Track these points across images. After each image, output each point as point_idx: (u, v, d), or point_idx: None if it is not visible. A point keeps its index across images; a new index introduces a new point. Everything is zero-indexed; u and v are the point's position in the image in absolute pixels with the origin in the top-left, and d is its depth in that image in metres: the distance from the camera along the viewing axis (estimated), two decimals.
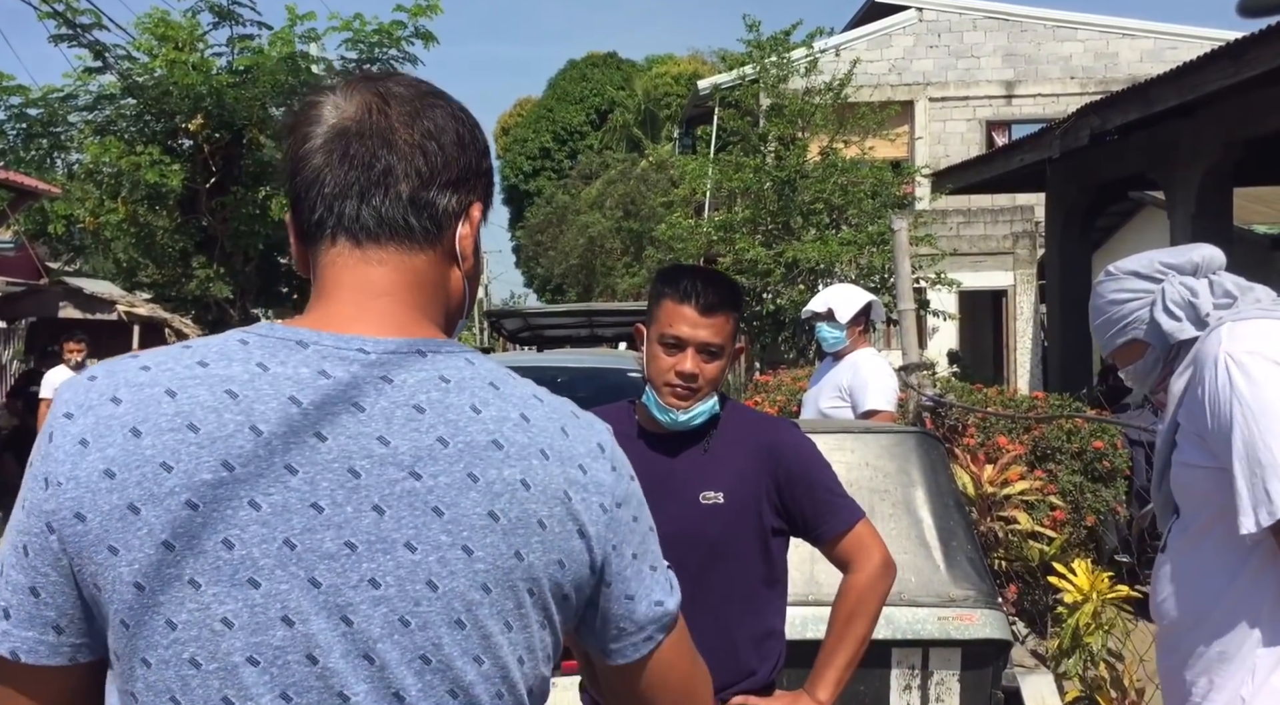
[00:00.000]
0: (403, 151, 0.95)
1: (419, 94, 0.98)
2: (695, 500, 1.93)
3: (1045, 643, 4.15)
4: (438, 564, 0.87)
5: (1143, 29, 17.75)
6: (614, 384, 7.33)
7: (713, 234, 12.80)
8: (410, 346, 0.93)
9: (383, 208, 0.94)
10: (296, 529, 0.85)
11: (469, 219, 0.99)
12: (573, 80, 40.30)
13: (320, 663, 0.85)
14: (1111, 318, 1.92)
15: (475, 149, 1.00)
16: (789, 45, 12.86)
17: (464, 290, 1.01)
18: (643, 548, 1.02)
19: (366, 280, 0.94)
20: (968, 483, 4.51)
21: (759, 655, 1.96)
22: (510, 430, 0.92)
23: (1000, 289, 15.71)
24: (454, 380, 0.92)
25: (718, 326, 1.92)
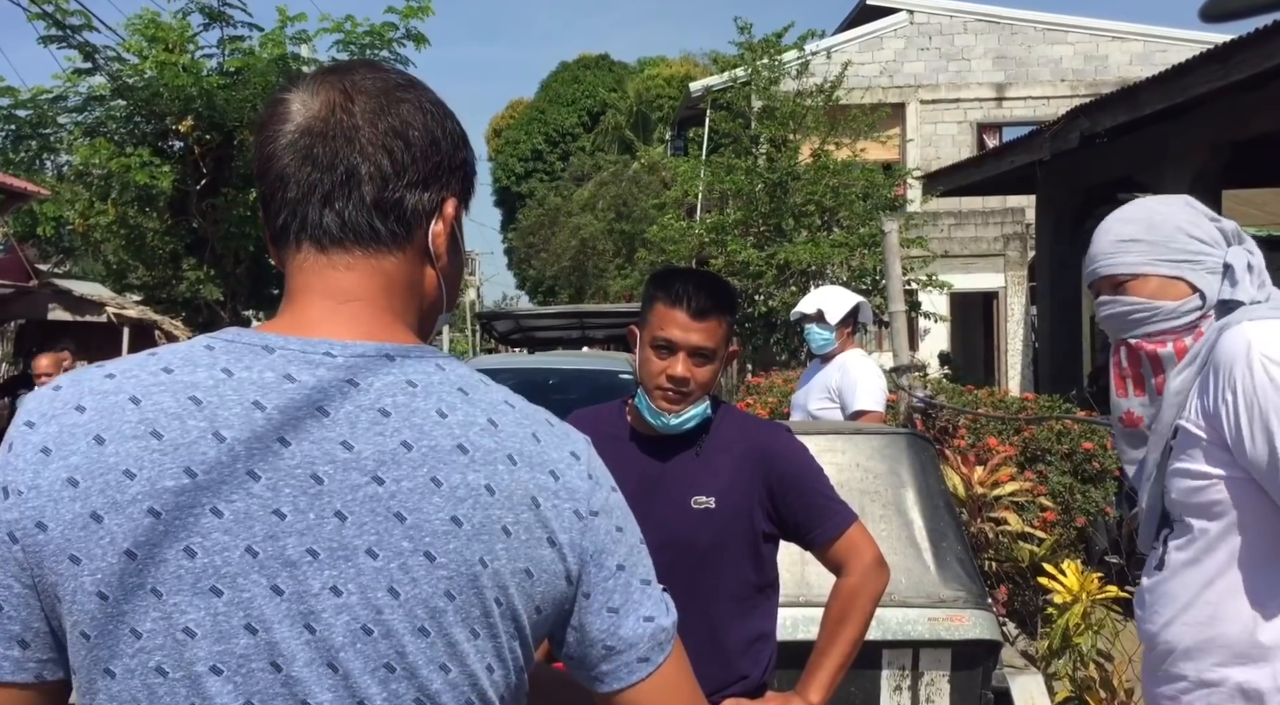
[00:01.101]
0: (366, 152, 0.92)
1: (386, 88, 0.94)
2: (687, 504, 1.92)
3: (1035, 643, 4.16)
4: (399, 571, 0.85)
5: (1132, 32, 17.82)
6: (605, 386, 7.33)
7: (704, 236, 12.81)
8: (378, 351, 0.91)
9: (346, 212, 0.92)
10: (259, 536, 0.83)
11: (442, 216, 0.96)
12: (565, 82, 40.30)
13: (284, 671, 0.83)
14: (1169, 243, 1.70)
15: (448, 143, 0.96)
16: (780, 48, 12.89)
17: (439, 288, 0.99)
18: (630, 560, 0.97)
19: (334, 285, 0.92)
20: (958, 484, 4.52)
21: (750, 658, 1.96)
22: (477, 435, 0.90)
23: (991, 291, 15.76)
24: (421, 385, 0.90)
25: (710, 330, 1.91)
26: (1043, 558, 4.25)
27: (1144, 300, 1.72)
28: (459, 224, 1.00)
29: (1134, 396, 1.76)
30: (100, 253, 13.60)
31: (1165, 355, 1.70)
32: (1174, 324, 1.70)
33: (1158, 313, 1.70)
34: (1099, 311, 1.78)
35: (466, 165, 0.99)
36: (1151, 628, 1.71)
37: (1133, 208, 1.80)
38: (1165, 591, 1.68)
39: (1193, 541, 1.65)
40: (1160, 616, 1.69)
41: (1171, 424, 1.67)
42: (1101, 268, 1.77)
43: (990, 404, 5.97)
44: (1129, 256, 1.73)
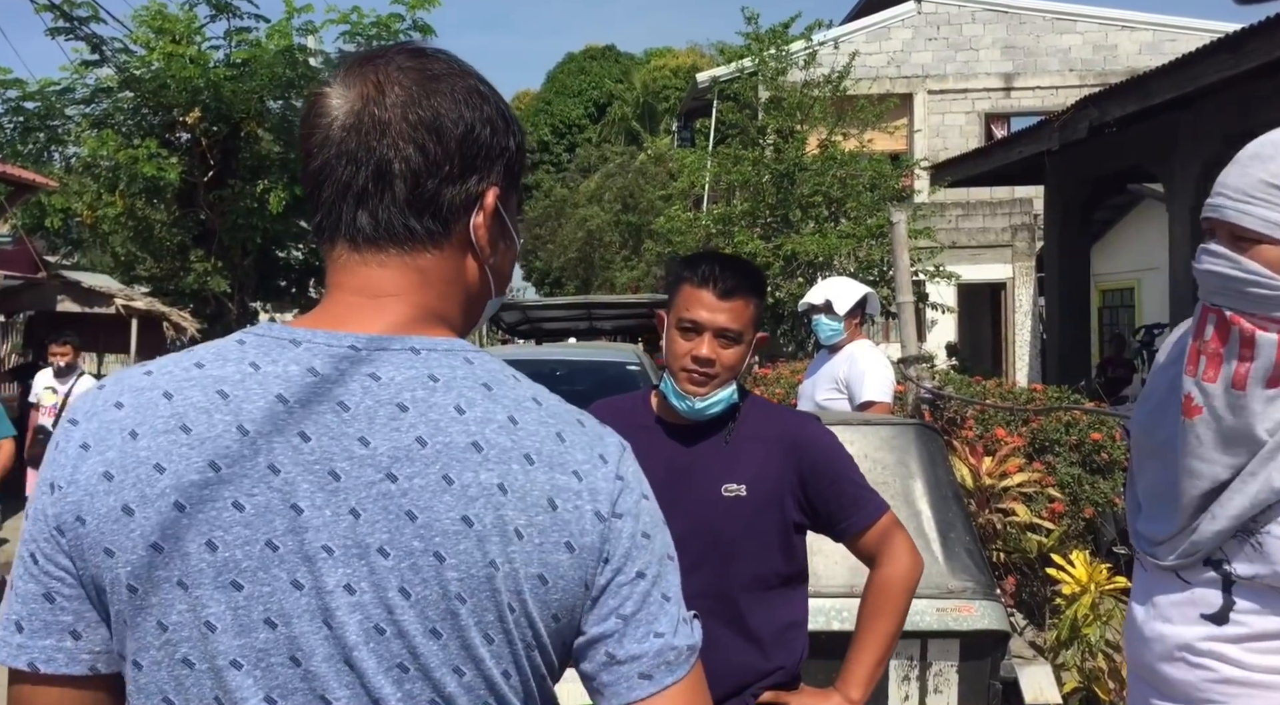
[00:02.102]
0: (398, 146, 0.90)
1: (420, 78, 0.92)
2: (717, 492, 1.89)
3: (1043, 634, 4.16)
4: (410, 571, 0.84)
5: (1142, 21, 17.72)
6: (613, 377, 7.34)
7: (711, 227, 12.79)
8: (404, 344, 0.89)
9: (379, 212, 0.90)
10: (279, 530, 0.83)
11: (483, 207, 0.93)
12: (571, 73, 40.23)
13: (303, 666, 0.83)
14: None
15: (486, 131, 0.93)
16: (788, 38, 12.84)
17: (485, 277, 0.97)
18: (654, 571, 0.92)
19: (367, 282, 0.92)
20: (966, 475, 4.52)
21: (784, 648, 1.93)
22: (493, 432, 0.87)
23: (999, 282, 15.72)
24: (444, 380, 0.88)
25: (736, 311, 1.88)
26: (1051, 548, 4.24)
27: (1268, 273, 1.35)
28: (509, 210, 0.98)
29: (1204, 380, 1.40)
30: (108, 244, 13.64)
31: (1264, 341, 1.35)
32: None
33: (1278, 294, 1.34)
34: (1199, 260, 1.41)
35: (509, 152, 0.96)
36: (1193, 679, 1.47)
37: None
38: (1226, 652, 1.44)
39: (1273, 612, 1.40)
40: (1216, 672, 1.45)
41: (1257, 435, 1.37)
42: (1233, 212, 1.37)
43: (998, 395, 5.96)
44: (1272, 211, 1.35)
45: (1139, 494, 1.61)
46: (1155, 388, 1.58)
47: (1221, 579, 1.45)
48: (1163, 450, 1.51)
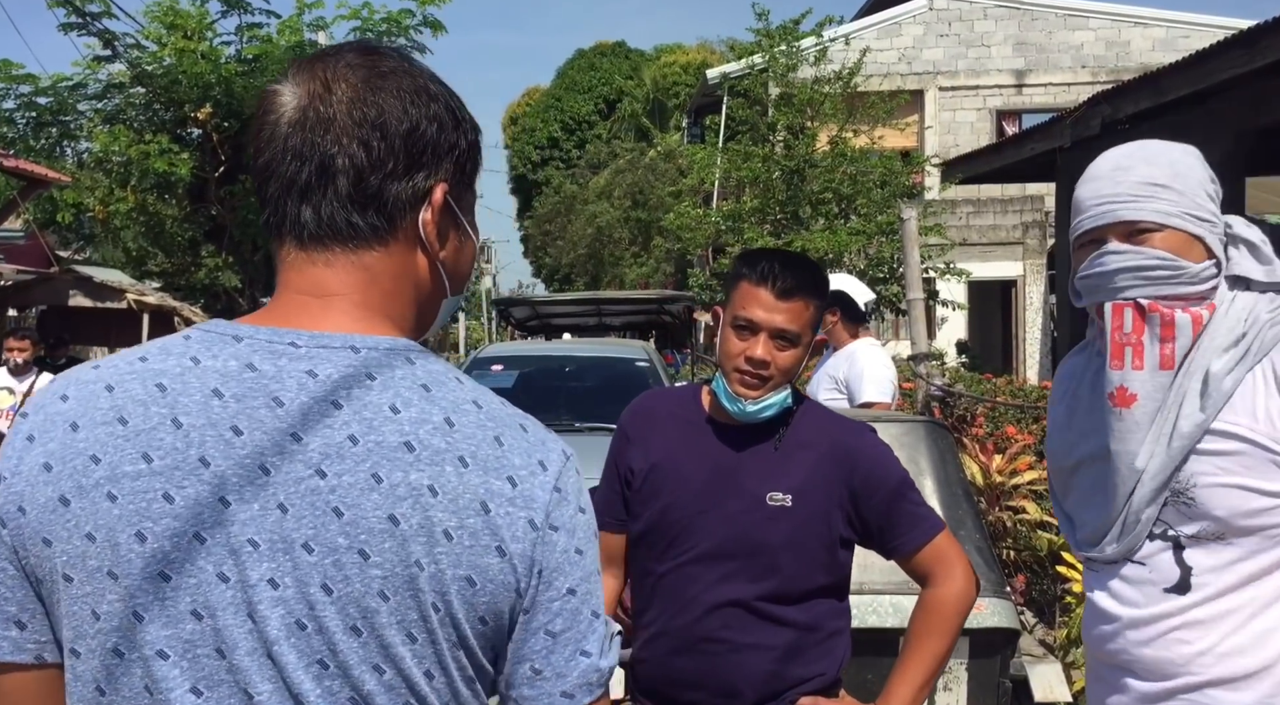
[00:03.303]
0: (341, 143, 0.90)
1: (368, 75, 0.92)
2: (761, 500, 1.82)
3: (1053, 632, 4.15)
4: (333, 567, 0.84)
5: (1155, 17, 17.63)
6: (621, 373, 7.34)
7: (721, 224, 12.78)
8: (345, 342, 0.90)
9: (323, 209, 0.91)
10: (207, 523, 0.84)
11: (431, 203, 0.93)
12: (581, 70, 40.22)
13: (228, 658, 0.84)
14: (1195, 197, 1.51)
15: (433, 128, 0.93)
16: (798, 34, 12.81)
17: (435, 276, 0.96)
18: (584, 587, 0.91)
19: (312, 281, 0.92)
20: (976, 472, 4.51)
21: (824, 655, 1.87)
22: (427, 433, 0.87)
23: (1010, 279, 15.67)
24: (381, 378, 0.89)
25: (795, 312, 1.80)
26: (1061, 547, 4.23)
27: (1171, 255, 1.47)
28: (465, 208, 0.97)
29: (1132, 369, 1.50)
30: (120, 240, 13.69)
31: (1182, 321, 1.47)
32: (1194, 289, 1.48)
33: (1183, 273, 1.47)
34: (1104, 261, 1.51)
35: (459, 149, 0.96)
36: (1170, 655, 1.50)
37: (1149, 148, 1.56)
38: (1196, 617, 1.48)
39: (1237, 563, 1.46)
40: (1192, 644, 1.48)
41: (1202, 425, 1.45)
42: (1126, 210, 1.49)
43: (1009, 392, 5.95)
44: (1159, 203, 1.48)
45: (1068, 511, 1.68)
46: (1056, 419, 1.71)
47: (1172, 547, 1.50)
48: (1087, 460, 1.59)
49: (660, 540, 1.86)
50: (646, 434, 1.93)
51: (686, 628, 1.83)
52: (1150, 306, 1.48)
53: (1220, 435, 1.45)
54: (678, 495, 1.85)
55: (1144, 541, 1.52)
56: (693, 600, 1.83)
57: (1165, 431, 1.48)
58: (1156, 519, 1.51)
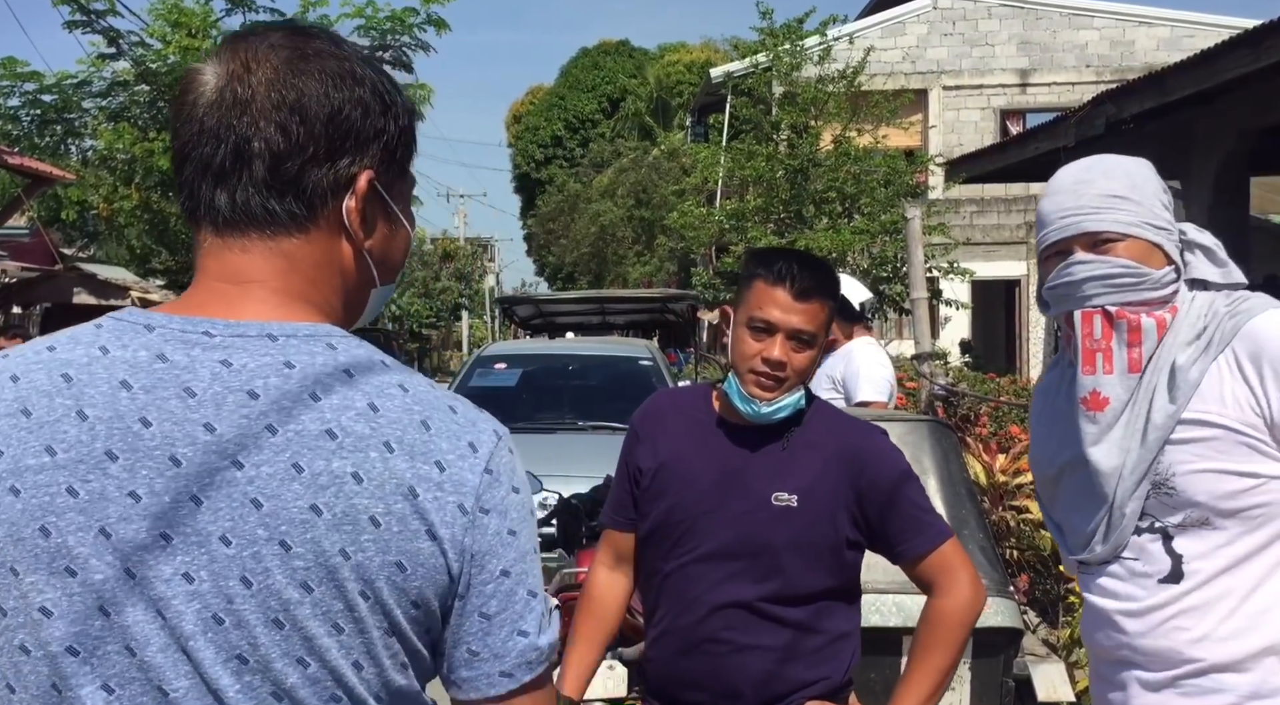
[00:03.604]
0: (258, 126, 0.87)
1: (291, 57, 0.89)
2: (767, 500, 1.81)
3: (1057, 632, 4.15)
4: (252, 559, 0.82)
5: (1160, 17, 17.60)
6: (625, 372, 7.34)
7: (724, 223, 12.78)
8: (261, 330, 0.87)
9: (238, 194, 0.88)
10: (112, 518, 0.82)
11: (355, 190, 0.90)
12: (585, 68, 40.21)
13: (138, 655, 0.82)
14: (1152, 206, 1.58)
15: (357, 112, 0.90)
16: (802, 33, 12.80)
17: (361, 265, 0.93)
18: (519, 567, 0.90)
19: (229, 268, 0.90)
20: (980, 472, 4.51)
21: (830, 660, 1.85)
22: (350, 420, 0.85)
23: (1013, 279, 15.66)
24: (300, 366, 0.86)
25: (811, 313, 1.79)
26: None
27: (1134, 263, 1.55)
28: (396, 195, 0.95)
29: (1103, 374, 1.58)
30: (124, 237, 13.72)
31: (1147, 326, 1.55)
32: (1157, 294, 1.56)
33: (1146, 279, 1.55)
34: (1071, 271, 1.57)
35: (387, 134, 0.93)
36: (1171, 644, 1.54)
37: (1107, 162, 1.64)
38: (1192, 604, 1.52)
39: (1224, 547, 1.51)
40: (1190, 630, 1.52)
41: (1174, 415, 1.52)
42: (1089, 222, 1.56)
43: (1012, 392, 5.95)
44: (1120, 214, 1.56)
45: (1056, 519, 1.71)
46: (1037, 431, 1.78)
47: (1161, 538, 1.55)
48: (1069, 467, 1.64)
49: (666, 540, 1.86)
50: (656, 433, 1.92)
51: (690, 628, 1.83)
52: (1118, 313, 1.56)
53: (1193, 424, 1.51)
54: (684, 495, 1.84)
55: (1130, 537, 1.57)
56: (697, 600, 1.82)
57: (1138, 427, 1.55)
58: (1141, 513, 1.56)
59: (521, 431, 6.53)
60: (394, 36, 13.66)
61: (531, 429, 6.55)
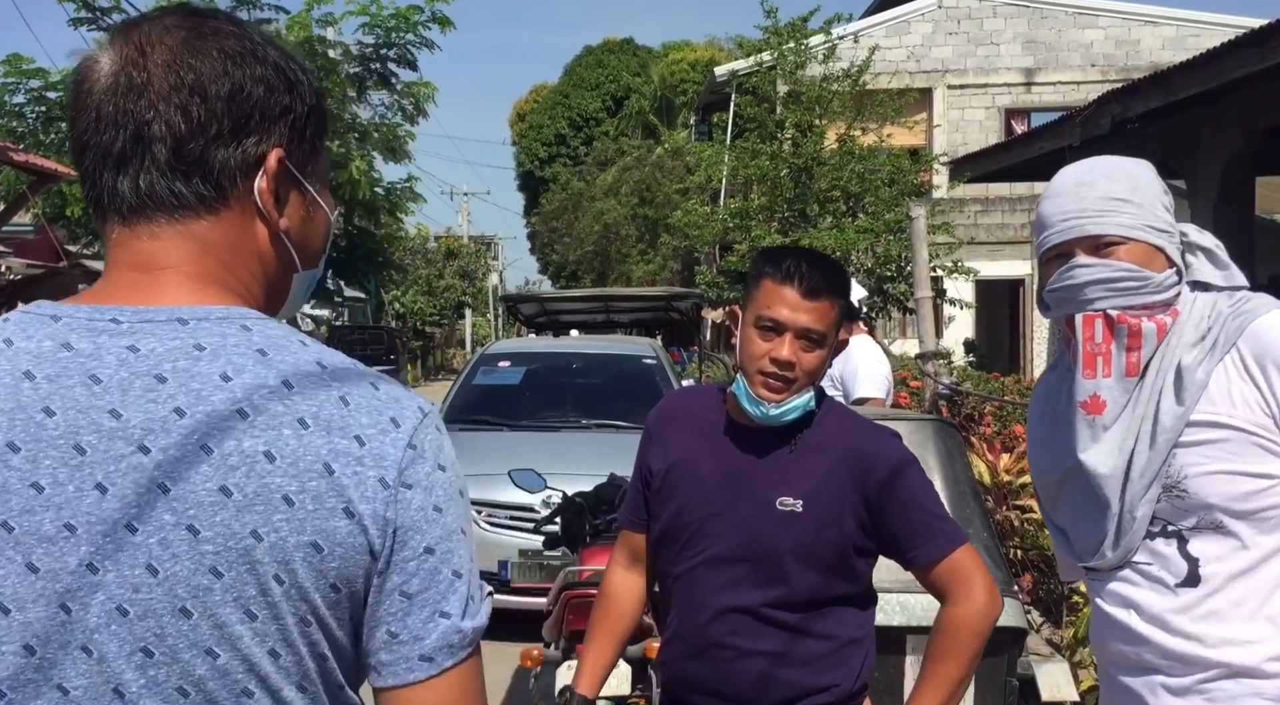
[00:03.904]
0: (158, 108, 0.85)
1: (188, 37, 0.88)
2: (771, 504, 1.77)
3: (1060, 632, 4.15)
4: (159, 546, 0.80)
5: (1165, 16, 17.57)
6: (629, 370, 7.34)
7: (728, 221, 12.77)
8: (171, 315, 0.85)
9: (141, 179, 0.86)
10: (14, 511, 0.80)
11: (265, 170, 0.89)
12: (589, 67, 40.22)
13: (38, 653, 0.80)
14: (1154, 209, 1.56)
15: (260, 90, 0.89)
16: (806, 32, 12.80)
17: (279, 248, 0.92)
18: (444, 547, 0.86)
19: (140, 255, 0.88)
20: (984, 471, 4.51)
21: (838, 667, 1.81)
22: (262, 398, 0.83)
23: (1018, 278, 15.64)
24: (211, 348, 0.84)
25: (821, 312, 1.74)
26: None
27: (1136, 267, 1.54)
28: (311, 175, 0.94)
29: (1102, 377, 1.57)
30: None
31: (1148, 331, 1.54)
32: (1160, 298, 1.54)
33: (1148, 283, 1.53)
34: (1073, 275, 1.56)
35: (294, 112, 0.91)
36: (1193, 648, 1.51)
37: (1108, 164, 1.63)
38: (1212, 608, 1.50)
39: (1240, 549, 1.49)
40: (1212, 634, 1.50)
41: (1182, 416, 1.50)
42: (1091, 225, 1.55)
43: (1016, 391, 5.94)
44: (1121, 217, 1.54)
45: (1060, 524, 1.69)
46: (1039, 435, 1.75)
47: (1176, 541, 1.53)
48: (1074, 472, 1.62)
49: (675, 542, 1.84)
50: (667, 433, 1.90)
51: (697, 632, 1.81)
52: (1119, 317, 1.55)
53: (1202, 425, 1.50)
54: (691, 497, 1.82)
55: (1141, 542, 1.55)
56: (703, 604, 1.81)
57: (1145, 430, 1.53)
58: (1153, 517, 1.54)
59: (525, 429, 6.57)
60: (399, 34, 13.66)
61: (535, 427, 6.56)
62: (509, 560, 5.46)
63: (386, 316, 31.94)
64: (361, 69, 13.93)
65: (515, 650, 3.86)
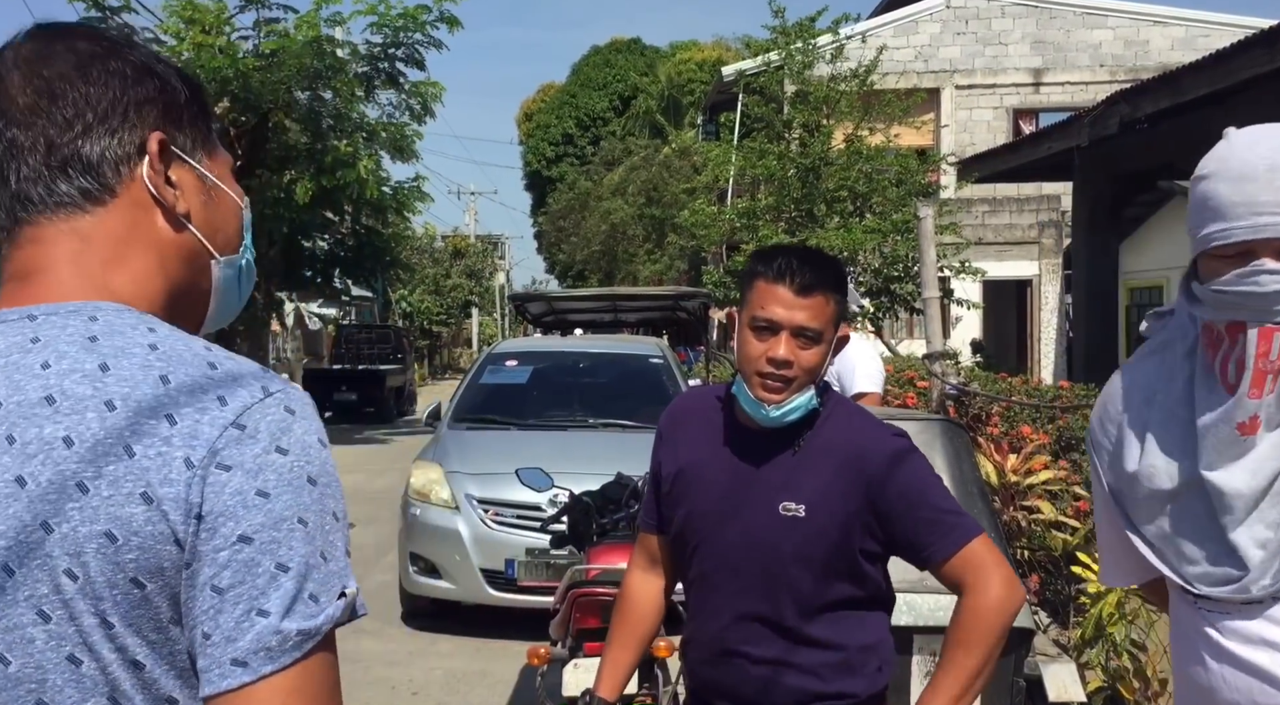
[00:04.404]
0: (25, 121, 0.86)
1: (37, 50, 0.88)
2: (775, 510, 1.73)
3: (1068, 632, 4.14)
4: None
5: (1174, 16, 17.52)
6: (636, 369, 7.34)
7: (736, 221, 12.76)
8: (24, 313, 0.84)
9: (20, 185, 0.86)
10: None
11: (148, 155, 0.88)
12: (596, 66, 40.23)
13: None
14: None
15: (117, 80, 0.88)
16: (814, 32, 12.78)
17: (183, 235, 0.90)
18: (266, 535, 0.77)
19: (20, 264, 0.87)
20: (991, 472, 4.50)
21: (850, 674, 1.78)
22: (73, 383, 0.79)
23: (1025, 278, 15.61)
24: (45, 339, 0.82)
25: (816, 308, 1.71)
26: (1076, 547, 4.22)
27: None
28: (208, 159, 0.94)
29: (1268, 395, 1.37)
30: None
31: None
32: None
33: None
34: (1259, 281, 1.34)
35: (164, 96, 0.91)
36: None
37: None
38: None
39: None
40: None
41: None
42: None
43: (1024, 392, 5.93)
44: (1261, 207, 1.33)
45: (1152, 539, 1.49)
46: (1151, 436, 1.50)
47: None
48: (1192, 485, 1.43)
49: (686, 547, 1.84)
50: (677, 435, 1.89)
51: (711, 638, 1.81)
52: None
53: None
54: (698, 502, 1.82)
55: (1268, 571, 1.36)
56: (716, 610, 1.80)
57: None
58: None
59: (532, 428, 6.58)
60: (406, 34, 13.67)
61: (542, 426, 6.56)
62: (516, 559, 5.47)
63: (394, 315, 31.98)
64: (369, 68, 13.96)
65: (522, 648, 3.87)
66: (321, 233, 15.32)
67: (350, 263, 16.09)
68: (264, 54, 12.67)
